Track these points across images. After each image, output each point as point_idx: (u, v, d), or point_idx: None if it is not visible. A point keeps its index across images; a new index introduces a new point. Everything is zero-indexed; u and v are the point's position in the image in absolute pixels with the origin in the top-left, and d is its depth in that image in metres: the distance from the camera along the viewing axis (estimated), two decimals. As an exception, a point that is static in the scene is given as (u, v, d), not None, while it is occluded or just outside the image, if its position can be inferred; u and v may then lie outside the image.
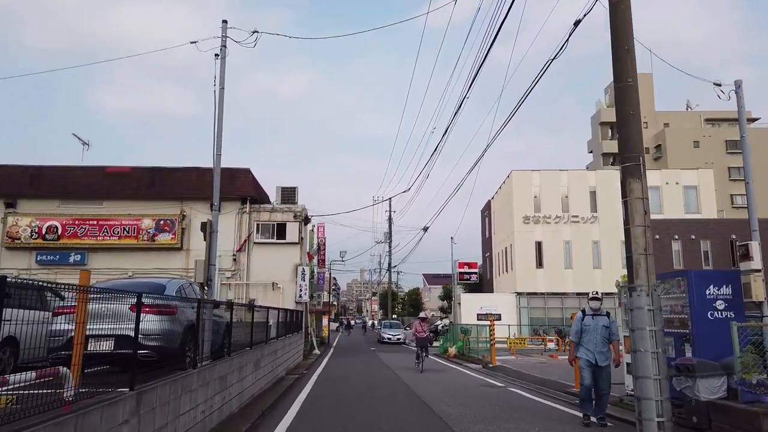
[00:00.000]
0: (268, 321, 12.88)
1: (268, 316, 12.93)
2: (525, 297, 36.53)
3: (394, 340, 37.24)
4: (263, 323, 12.58)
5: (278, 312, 14.81)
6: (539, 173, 37.83)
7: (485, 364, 19.38)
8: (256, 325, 11.77)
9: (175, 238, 23.28)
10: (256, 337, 11.70)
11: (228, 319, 10.85)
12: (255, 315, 11.56)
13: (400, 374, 16.35)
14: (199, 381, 7.00)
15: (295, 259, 24.02)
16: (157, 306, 7.73)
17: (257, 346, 11.56)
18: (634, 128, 7.81)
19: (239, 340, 10.73)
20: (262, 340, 12.32)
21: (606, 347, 8.58)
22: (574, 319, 9.15)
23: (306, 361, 21.95)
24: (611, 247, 36.27)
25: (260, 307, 12.47)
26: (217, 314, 10.01)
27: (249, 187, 23.98)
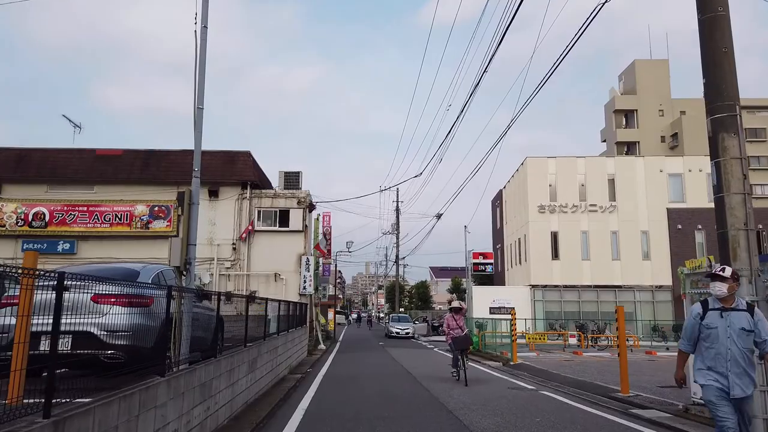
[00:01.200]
0: (266, 315, 11.30)
1: (267, 309, 11.35)
2: (540, 290, 34.87)
3: (402, 334, 35.76)
4: (261, 317, 11.00)
5: (279, 304, 13.24)
6: (555, 160, 36.06)
7: (505, 362, 17.77)
8: (253, 320, 10.19)
9: (170, 225, 21.76)
10: (252, 333, 10.13)
11: (218, 314, 9.34)
12: (251, 307, 9.97)
13: (415, 374, 14.77)
14: (171, 392, 5.41)
15: (299, 249, 22.46)
16: (127, 296, 6.18)
17: (254, 343, 9.98)
18: (726, 70, 6.09)
19: (232, 337, 9.17)
20: (259, 336, 10.75)
21: (750, 365, 4.70)
22: (687, 315, 5.20)
23: (311, 357, 20.41)
24: (631, 237, 34.58)
25: (257, 299, 10.87)
26: (205, 307, 8.44)
27: (249, 171, 22.40)
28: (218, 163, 22.38)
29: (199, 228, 20.60)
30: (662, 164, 35.72)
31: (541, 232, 35.10)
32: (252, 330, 10.14)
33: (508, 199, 42.25)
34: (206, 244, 22.09)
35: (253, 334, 10.34)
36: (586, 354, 20.48)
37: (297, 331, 17.29)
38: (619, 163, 36.11)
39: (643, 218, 34.82)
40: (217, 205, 22.30)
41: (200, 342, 7.41)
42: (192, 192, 7.37)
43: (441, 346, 27.93)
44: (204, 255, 22.02)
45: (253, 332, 10.24)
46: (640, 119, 60.58)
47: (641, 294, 34.42)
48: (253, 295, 15.09)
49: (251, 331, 10.03)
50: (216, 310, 8.89)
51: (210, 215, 22.26)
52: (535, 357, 19.46)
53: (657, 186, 34.92)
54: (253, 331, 10.24)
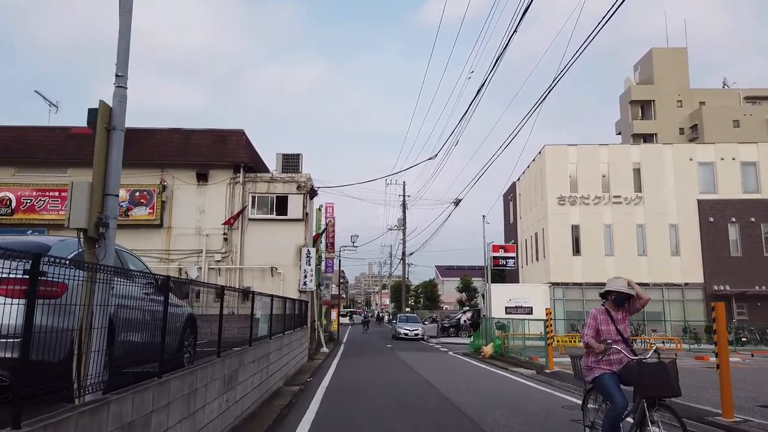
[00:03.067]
0: (253, 313, 8.75)
1: (253, 307, 8.81)
2: (560, 288, 32.25)
3: (411, 335, 33.21)
4: (245, 317, 8.45)
5: (272, 300, 10.70)
6: (576, 148, 33.45)
7: (539, 369, 15.20)
8: (233, 320, 7.68)
9: (153, 212, 19.24)
10: (233, 337, 7.61)
11: (190, 310, 6.84)
12: (228, 303, 7.45)
13: (439, 386, 12.22)
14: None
15: (299, 240, 19.91)
16: (16, 280, 3.66)
17: (235, 351, 7.46)
18: None
19: (210, 342, 6.69)
20: (243, 340, 8.22)
21: None
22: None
23: (312, 362, 17.88)
24: (658, 231, 31.97)
25: (237, 292, 8.32)
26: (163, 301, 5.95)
27: (243, 152, 19.87)
28: (207, 143, 19.89)
29: (187, 216, 17.99)
30: (692, 152, 33.10)
31: (561, 226, 32.50)
32: (231, 334, 7.62)
33: (523, 192, 39.67)
34: (194, 234, 19.58)
35: (234, 338, 7.82)
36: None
37: (295, 333, 14.76)
38: (645, 151, 33.50)
39: (671, 210, 32.22)
40: (206, 191, 19.78)
41: (144, 352, 4.89)
42: (114, 109, 4.70)
43: (455, 349, 25.41)
44: (191, 246, 19.51)
45: (233, 336, 7.72)
46: (657, 110, 57.89)
47: (670, 292, 31.79)
48: (247, 289, 12.50)
49: (230, 336, 7.51)
50: (181, 306, 6.41)
51: (198, 202, 19.75)
52: (569, 363, 16.85)
53: (686, 176, 32.30)
54: (232, 334, 7.72)
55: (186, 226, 19.53)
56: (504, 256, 22.99)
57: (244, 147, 19.88)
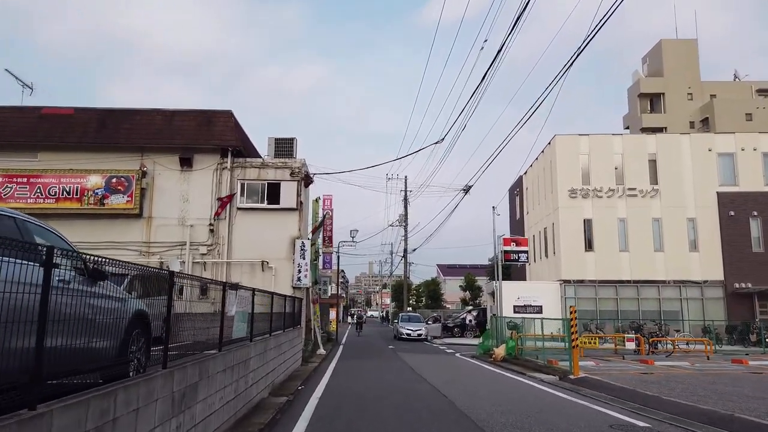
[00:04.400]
0: (224, 311, 6.96)
1: (224, 302, 7.02)
2: (572, 286, 30.41)
3: (414, 335, 31.45)
4: (210, 316, 6.68)
5: (253, 295, 8.91)
6: (588, 138, 31.63)
7: (562, 375, 13.41)
8: (193, 319, 5.91)
9: (131, 201, 17.45)
10: (193, 340, 5.84)
11: (140, 306, 5.12)
12: (189, 295, 5.68)
13: (453, 397, 10.44)
14: None
15: (293, 231, 18.12)
16: None
17: (192, 359, 5.68)
18: None
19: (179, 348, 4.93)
20: (209, 344, 6.44)
21: None
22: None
23: (307, 366, 16.11)
24: (676, 225, 30.14)
25: (198, 282, 6.51)
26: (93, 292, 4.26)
27: (231, 134, 18.07)
28: (192, 125, 18.09)
29: (169, 204, 16.10)
30: (711, 142, 31.27)
31: (573, 220, 30.66)
32: (193, 336, 5.85)
33: (531, 186, 37.86)
34: (177, 225, 17.79)
35: (198, 342, 6.05)
36: (661, 364, 16.10)
37: (286, 335, 12.98)
38: (661, 141, 31.65)
39: (689, 204, 30.40)
40: (190, 177, 17.98)
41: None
42: None
43: (462, 351, 23.64)
44: (174, 238, 17.73)
45: (197, 340, 5.95)
46: (667, 103, 56.09)
47: (688, 290, 29.96)
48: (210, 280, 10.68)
49: (188, 338, 5.74)
50: (124, 300, 4.67)
51: (182, 189, 17.96)
52: (595, 367, 15.10)
53: (705, 167, 30.48)
54: (196, 337, 5.95)
55: (168, 215, 17.75)
56: (516, 250, 21.22)
57: (232, 129, 18.09)
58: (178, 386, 5.09)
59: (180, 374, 5.15)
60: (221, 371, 6.67)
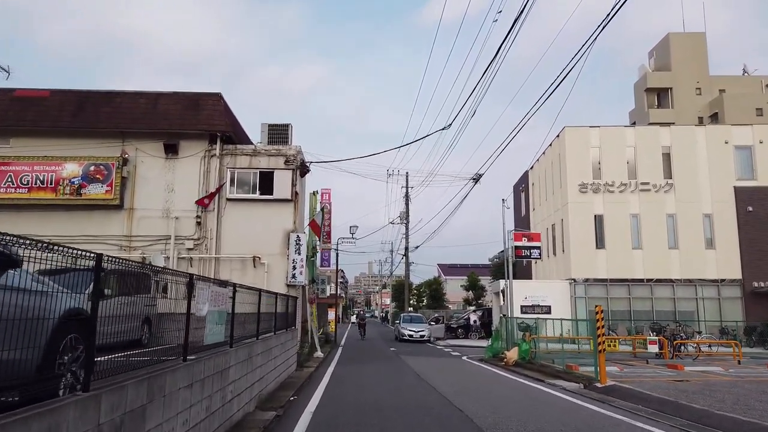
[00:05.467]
0: (189, 311, 5.51)
1: (190, 299, 5.57)
2: (582, 285, 29.00)
3: (416, 337, 30.02)
4: (175, 315, 5.24)
5: (234, 293, 7.47)
6: (598, 130, 30.21)
7: (587, 383, 11.97)
8: (130, 320, 4.47)
9: (111, 191, 16.01)
10: (133, 350, 4.41)
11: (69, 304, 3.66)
12: (135, 292, 4.25)
13: (471, 412, 9.00)
14: None
15: (287, 224, 16.69)
16: None
17: (132, 377, 4.24)
18: None
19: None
20: (167, 352, 5.01)
21: None
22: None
23: (302, 372, 14.67)
24: (691, 222, 28.73)
25: (140, 268, 5.05)
26: None
27: (220, 118, 16.63)
28: (177, 109, 16.65)
29: (153, 195, 14.57)
30: (728, 134, 29.85)
31: (583, 216, 29.25)
32: (131, 342, 4.42)
33: (537, 181, 36.44)
34: (161, 217, 16.35)
35: (150, 350, 4.61)
36: (691, 369, 14.66)
37: (278, 337, 11.54)
38: (676, 134, 30.20)
39: (705, 199, 28.99)
40: (175, 165, 16.54)
41: None
42: None
43: (468, 353, 22.21)
44: (157, 231, 16.29)
45: (144, 347, 4.51)
46: (674, 98, 54.66)
47: (704, 289, 28.55)
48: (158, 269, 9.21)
49: (138, 344, 4.31)
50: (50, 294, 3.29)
51: (167, 178, 16.52)
52: (620, 373, 13.65)
53: (721, 160, 29.08)
54: (120, 340, 4.51)
55: (151, 207, 16.31)
56: (528, 245, 19.79)
57: (221, 113, 16.64)
58: (111, 414, 3.65)
59: (113, 397, 3.70)
60: (186, 386, 5.23)
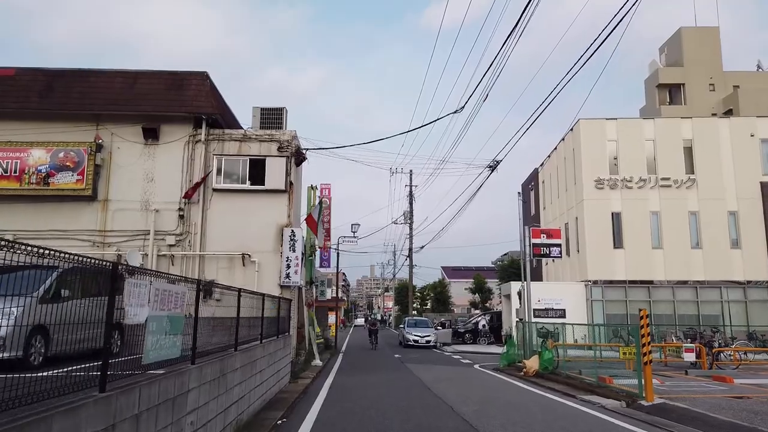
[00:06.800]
0: (112, 316, 3.74)
1: (113, 299, 3.79)
2: (599, 287, 27.19)
3: (422, 342, 28.27)
4: (87, 323, 3.44)
5: (198, 292, 5.69)
6: (615, 123, 28.44)
7: (630, 400, 10.16)
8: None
9: (82, 180, 14.28)
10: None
11: None
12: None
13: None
14: None
15: (281, 218, 14.92)
16: None
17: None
18: None
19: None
20: (63, 388, 3.21)
21: None
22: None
23: (296, 384, 12.89)
24: (715, 219, 26.91)
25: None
26: None
27: (206, 99, 14.89)
28: (158, 89, 14.92)
29: (130, 185, 12.25)
30: (753, 126, 28.02)
31: (599, 214, 27.45)
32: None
33: (548, 179, 34.66)
34: (139, 210, 14.62)
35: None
36: (738, 381, 12.84)
37: (265, 347, 9.76)
38: (698, 126, 28.38)
39: (730, 195, 27.18)
40: (156, 152, 14.80)
41: None
42: None
43: (480, 361, 20.41)
44: (135, 225, 14.55)
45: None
46: (687, 94, 52.85)
47: (730, 292, 26.71)
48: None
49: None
50: None
51: (146, 167, 14.78)
52: (661, 387, 11.83)
53: (747, 154, 27.29)
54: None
55: (128, 198, 14.58)
56: (547, 243, 17.98)
57: (207, 94, 14.90)
58: None
59: None
60: (102, 430, 3.45)
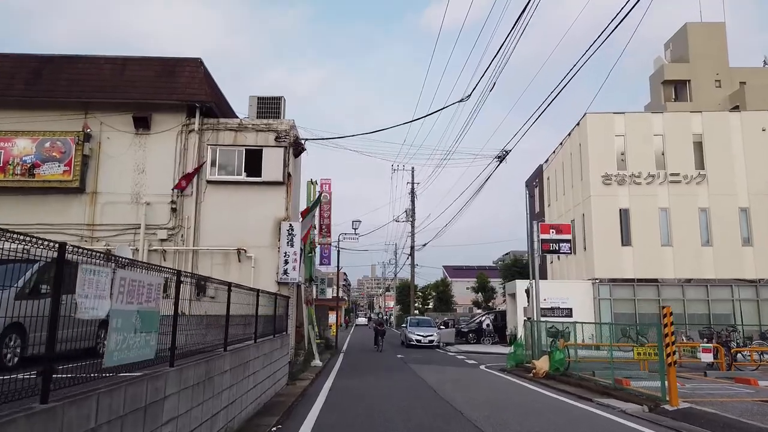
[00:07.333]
0: (57, 309, 3.04)
1: (59, 288, 3.07)
2: (606, 285, 26.49)
3: (425, 342, 27.59)
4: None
5: (177, 282, 4.99)
6: (623, 117, 27.77)
7: (653, 405, 9.44)
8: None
9: (69, 171, 13.57)
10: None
11: None
12: None
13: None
14: None
15: (278, 211, 14.21)
16: None
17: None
18: None
19: None
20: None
21: None
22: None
23: (294, 386, 12.19)
24: (726, 216, 26.24)
25: None
26: None
27: (200, 87, 14.18)
28: (149, 76, 14.22)
29: (120, 177, 11.13)
30: (764, 121, 27.35)
31: (607, 211, 26.78)
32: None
33: (553, 175, 33.96)
34: (129, 203, 13.91)
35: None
36: (763, 383, 12.12)
37: (259, 347, 9.06)
38: (708, 120, 27.69)
39: (741, 191, 26.51)
40: (147, 142, 14.10)
41: None
42: None
43: (485, 361, 19.70)
44: (125, 219, 13.84)
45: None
46: (693, 91, 52.11)
47: (742, 290, 26.02)
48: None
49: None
50: None
51: (137, 157, 14.08)
52: (683, 390, 11.10)
53: (759, 149, 26.63)
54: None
55: (118, 191, 13.89)
56: (556, 238, 17.22)
57: (201, 81, 14.19)
58: None
59: None
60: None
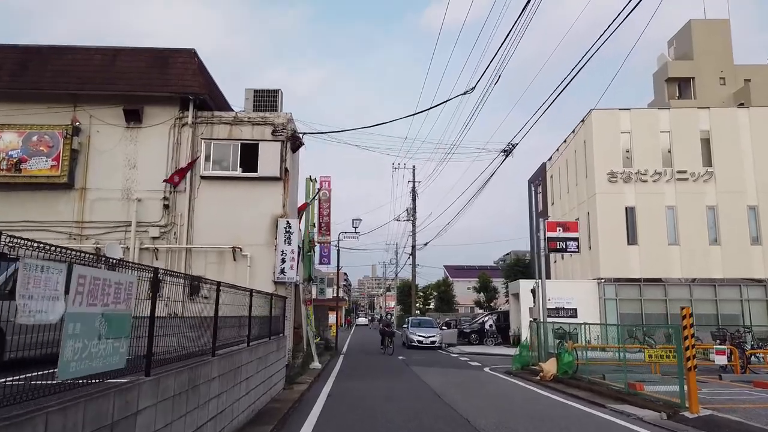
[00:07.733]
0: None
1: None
2: (612, 285, 25.96)
3: (427, 343, 27.08)
4: None
5: (154, 280, 4.43)
6: (629, 113, 27.23)
7: (672, 412, 8.89)
8: None
9: (58, 166, 13.02)
10: None
11: None
12: None
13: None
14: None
15: (275, 208, 13.65)
16: None
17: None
18: None
19: None
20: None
21: None
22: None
23: (291, 390, 11.63)
24: (734, 214, 25.71)
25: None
26: None
27: (193, 78, 13.62)
28: (141, 68, 13.67)
29: (110, 172, 10.43)
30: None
31: (612, 209, 26.24)
32: None
33: (557, 173, 33.37)
34: (120, 199, 13.36)
35: None
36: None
37: (252, 351, 8.50)
38: (715, 117, 27.16)
39: (750, 189, 25.99)
40: (138, 136, 13.55)
41: None
42: None
43: (489, 363, 19.15)
44: (116, 216, 13.29)
45: None
46: (697, 88, 51.53)
47: (750, 290, 25.49)
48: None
49: None
50: None
51: (128, 152, 13.53)
52: (700, 395, 10.53)
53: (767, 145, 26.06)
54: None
55: (108, 186, 13.34)
56: (563, 236, 16.66)
57: (195, 72, 13.63)
58: None
59: None
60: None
